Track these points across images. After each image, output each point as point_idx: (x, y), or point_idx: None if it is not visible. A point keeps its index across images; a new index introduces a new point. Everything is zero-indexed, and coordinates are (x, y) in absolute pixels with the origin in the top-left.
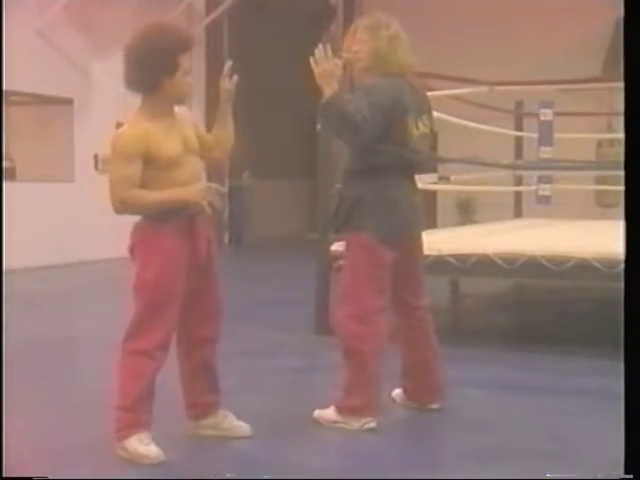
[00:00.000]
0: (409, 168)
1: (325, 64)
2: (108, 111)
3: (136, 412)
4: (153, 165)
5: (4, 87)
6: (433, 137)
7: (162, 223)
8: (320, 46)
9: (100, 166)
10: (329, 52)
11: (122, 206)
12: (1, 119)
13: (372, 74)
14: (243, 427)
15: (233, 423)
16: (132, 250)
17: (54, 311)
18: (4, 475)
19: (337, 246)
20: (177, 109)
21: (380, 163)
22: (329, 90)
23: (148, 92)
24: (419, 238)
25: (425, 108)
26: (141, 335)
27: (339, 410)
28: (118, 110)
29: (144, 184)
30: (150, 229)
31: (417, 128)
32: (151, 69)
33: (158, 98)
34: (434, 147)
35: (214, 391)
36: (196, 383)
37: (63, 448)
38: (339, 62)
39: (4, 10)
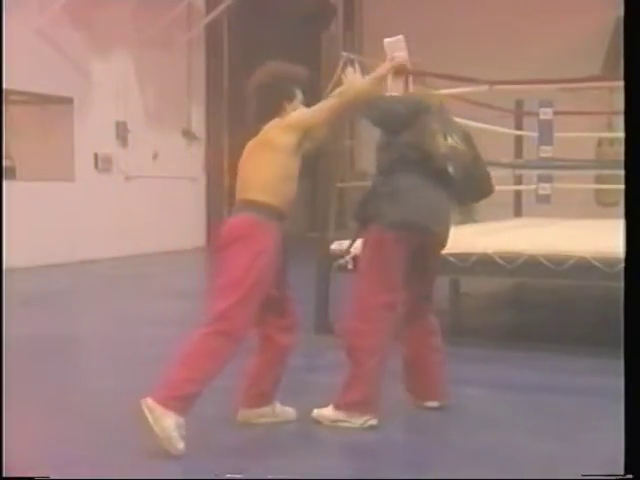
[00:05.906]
0: (432, 167)
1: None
2: (108, 110)
3: (198, 387)
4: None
5: (4, 86)
6: (484, 164)
7: (268, 220)
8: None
9: (100, 165)
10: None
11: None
12: (1, 118)
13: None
14: (290, 411)
15: (283, 409)
16: (228, 241)
17: (54, 310)
18: (4, 475)
19: (337, 245)
20: None
21: (402, 160)
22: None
23: None
24: (439, 237)
25: (456, 129)
26: (228, 318)
27: (338, 408)
28: (118, 109)
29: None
30: (256, 223)
31: (445, 139)
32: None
33: None
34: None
35: (279, 383)
36: (270, 374)
37: (63, 448)
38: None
39: (4, 9)
